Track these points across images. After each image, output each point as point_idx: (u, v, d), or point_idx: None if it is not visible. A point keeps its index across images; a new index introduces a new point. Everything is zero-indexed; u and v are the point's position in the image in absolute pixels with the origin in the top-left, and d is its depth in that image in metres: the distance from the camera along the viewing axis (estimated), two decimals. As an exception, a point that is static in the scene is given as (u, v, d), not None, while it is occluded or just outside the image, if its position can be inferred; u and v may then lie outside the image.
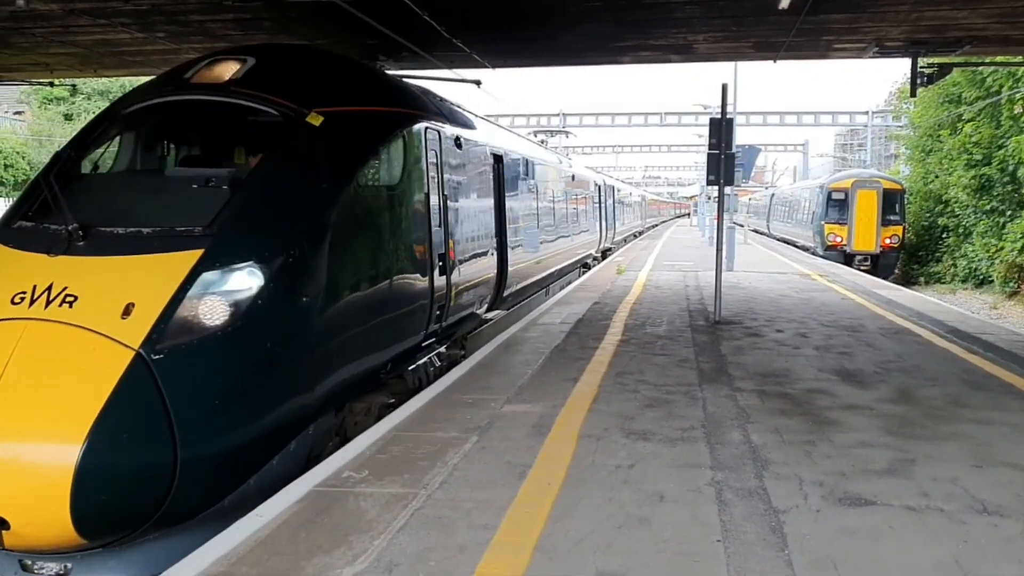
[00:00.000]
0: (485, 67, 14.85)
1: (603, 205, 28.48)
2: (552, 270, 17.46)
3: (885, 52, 13.04)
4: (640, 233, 51.01)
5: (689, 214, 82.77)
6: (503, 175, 12.13)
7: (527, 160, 14.69)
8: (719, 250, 12.98)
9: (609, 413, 6.99)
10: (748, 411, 7.11)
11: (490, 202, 11.31)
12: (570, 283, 19.21)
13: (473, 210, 10.27)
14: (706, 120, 16.03)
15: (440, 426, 6.61)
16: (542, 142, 23.53)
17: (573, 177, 21.60)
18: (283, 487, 5.32)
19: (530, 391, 7.83)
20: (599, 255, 27.86)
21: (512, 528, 4.57)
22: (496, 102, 64.52)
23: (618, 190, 37.28)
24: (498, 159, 11.96)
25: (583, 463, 5.69)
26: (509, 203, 12.56)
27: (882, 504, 4.97)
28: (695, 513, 4.80)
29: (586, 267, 24.09)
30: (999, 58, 19.27)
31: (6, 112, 60.88)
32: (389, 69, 11.96)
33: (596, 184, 27.22)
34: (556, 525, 4.61)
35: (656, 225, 69.83)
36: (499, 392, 7.75)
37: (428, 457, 5.81)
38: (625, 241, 39.83)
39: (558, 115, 52.59)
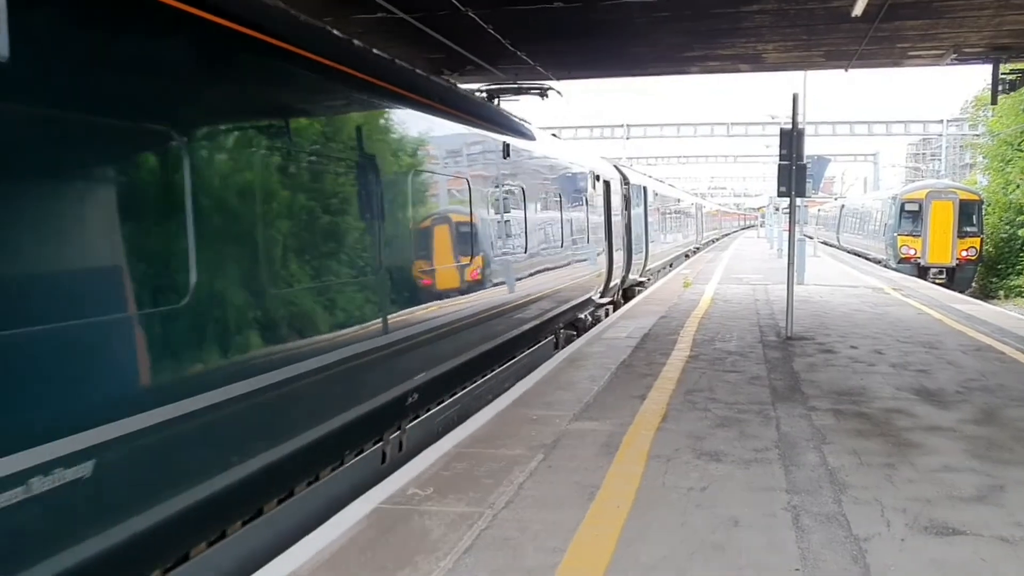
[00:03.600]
0: (549, 79, 14.84)
1: (628, 215, 18.75)
2: (438, 370, 7.57)
3: (964, 59, 12.66)
4: (695, 252, 41.26)
5: (755, 226, 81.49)
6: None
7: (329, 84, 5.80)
8: (791, 263, 12.65)
9: (679, 432, 6.81)
10: (824, 431, 6.86)
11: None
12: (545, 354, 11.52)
13: None
14: (772, 130, 15.62)
15: (505, 443, 6.51)
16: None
17: (533, 155, 11.16)
18: None
19: (596, 408, 7.69)
20: (619, 296, 18.47)
21: (581, 552, 4.44)
22: (557, 113, 64.47)
23: (655, 193, 25.49)
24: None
25: (653, 485, 5.53)
26: (211, 218, 4.34)
27: (972, 534, 4.70)
28: (771, 539, 4.61)
29: (574, 329, 13.98)
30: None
31: None
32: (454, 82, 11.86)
33: (601, 179, 15.76)
34: (627, 550, 4.46)
35: (716, 239, 61.67)
36: (564, 409, 7.63)
37: (493, 475, 5.71)
38: (672, 266, 30.07)
39: (622, 126, 52.49)
